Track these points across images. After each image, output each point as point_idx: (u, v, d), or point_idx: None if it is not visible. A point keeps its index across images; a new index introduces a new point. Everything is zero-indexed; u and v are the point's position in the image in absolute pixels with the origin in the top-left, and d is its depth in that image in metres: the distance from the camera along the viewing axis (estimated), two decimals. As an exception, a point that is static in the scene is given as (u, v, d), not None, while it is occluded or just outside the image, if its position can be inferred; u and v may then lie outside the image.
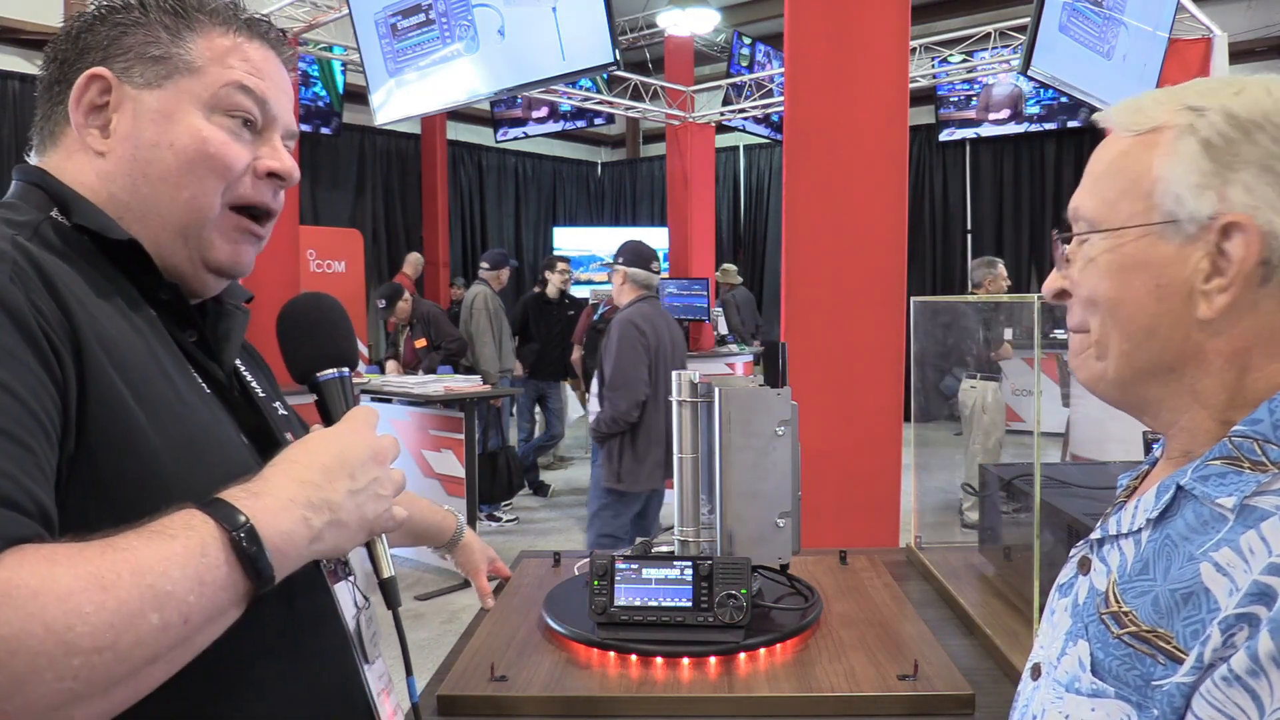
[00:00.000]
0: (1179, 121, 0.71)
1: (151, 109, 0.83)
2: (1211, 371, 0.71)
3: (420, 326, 6.87)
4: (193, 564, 0.64)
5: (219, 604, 0.66)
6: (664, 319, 4.04)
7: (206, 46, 0.86)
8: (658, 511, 4.14)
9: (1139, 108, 0.75)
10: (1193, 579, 0.65)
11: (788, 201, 3.08)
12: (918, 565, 1.92)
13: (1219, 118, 0.69)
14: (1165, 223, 0.70)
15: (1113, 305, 0.74)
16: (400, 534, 1.46)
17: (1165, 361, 0.72)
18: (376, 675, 0.94)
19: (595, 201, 13.93)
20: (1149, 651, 0.66)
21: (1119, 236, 0.73)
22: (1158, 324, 0.71)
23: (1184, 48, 5.80)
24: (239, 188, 0.87)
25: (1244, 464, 0.67)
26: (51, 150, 0.87)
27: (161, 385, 0.78)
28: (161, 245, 0.85)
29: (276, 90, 0.89)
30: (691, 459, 1.60)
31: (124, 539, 0.63)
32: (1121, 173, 0.74)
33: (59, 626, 0.57)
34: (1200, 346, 0.71)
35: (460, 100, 4.18)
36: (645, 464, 3.90)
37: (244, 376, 0.98)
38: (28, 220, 0.79)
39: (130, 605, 0.60)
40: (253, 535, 0.68)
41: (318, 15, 5.51)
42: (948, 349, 2.65)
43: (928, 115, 10.25)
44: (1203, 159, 0.69)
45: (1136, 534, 0.74)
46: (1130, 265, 0.72)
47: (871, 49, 2.99)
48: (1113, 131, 0.76)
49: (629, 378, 3.81)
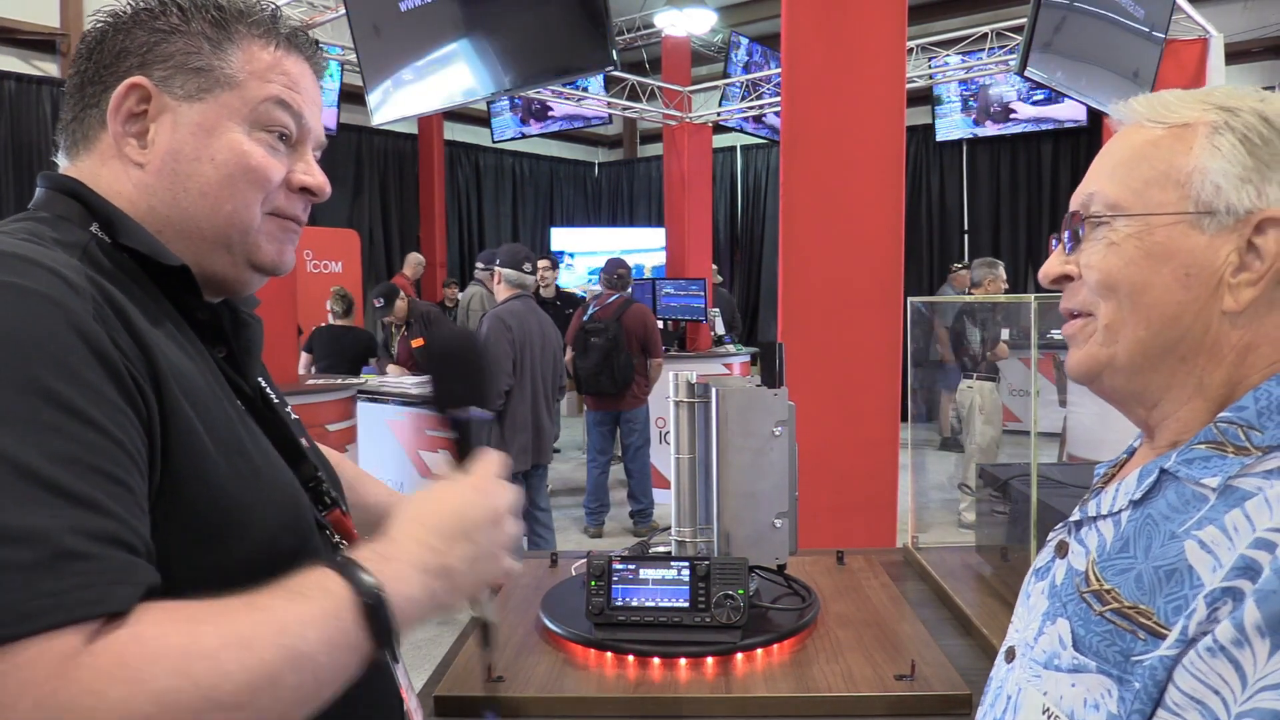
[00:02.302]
0: (1212, 119, 0.72)
1: (192, 122, 0.82)
2: (1223, 364, 0.72)
3: (418, 326, 6.87)
4: (328, 627, 0.67)
5: (346, 665, 0.69)
6: (535, 316, 4.48)
7: (246, 60, 0.85)
8: (541, 483, 4.69)
9: (1165, 104, 0.76)
10: (1176, 556, 0.65)
11: (784, 202, 3.08)
12: (915, 565, 1.92)
13: (1253, 118, 0.71)
14: (1201, 213, 0.71)
15: (1136, 290, 0.73)
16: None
17: (1180, 350, 0.73)
18: (400, 671, 0.95)
19: (592, 202, 13.93)
20: (1130, 628, 0.66)
21: (1147, 222, 0.73)
22: (1181, 312, 0.72)
23: (1180, 48, 5.81)
24: (275, 199, 0.87)
25: (1228, 448, 0.69)
26: (85, 155, 0.84)
27: (218, 411, 0.78)
28: (203, 257, 0.84)
29: (311, 103, 0.89)
30: (689, 459, 1.60)
31: (263, 598, 0.66)
32: (1150, 161, 0.74)
33: (205, 684, 0.59)
34: (1218, 338, 0.72)
35: (457, 100, 4.17)
36: (512, 448, 4.32)
37: (262, 386, 0.97)
38: (74, 241, 0.77)
39: (271, 666, 0.63)
40: (383, 602, 0.70)
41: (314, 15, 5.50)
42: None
43: (924, 115, 10.26)
44: (1244, 154, 0.71)
45: (1116, 515, 0.74)
46: (1159, 252, 0.72)
47: (868, 49, 2.99)
48: (1137, 123, 0.77)
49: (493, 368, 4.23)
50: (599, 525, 6.05)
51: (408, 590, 0.72)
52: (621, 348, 5.72)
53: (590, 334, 5.74)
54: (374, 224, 11.08)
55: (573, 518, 6.34)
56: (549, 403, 4.53)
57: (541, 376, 4.44)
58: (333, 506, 0.94)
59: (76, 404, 0.63)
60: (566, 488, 7.23)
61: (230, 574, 0.70)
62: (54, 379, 0.63)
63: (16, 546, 0.57)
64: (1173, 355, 0.73)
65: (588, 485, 6.08)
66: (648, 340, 5.87)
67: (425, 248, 10.59)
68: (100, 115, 0.82)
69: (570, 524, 6.20)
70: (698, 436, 1.59)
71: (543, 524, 4.66)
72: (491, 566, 0.82)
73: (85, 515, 0.60)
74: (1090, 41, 4.25)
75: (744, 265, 12.55)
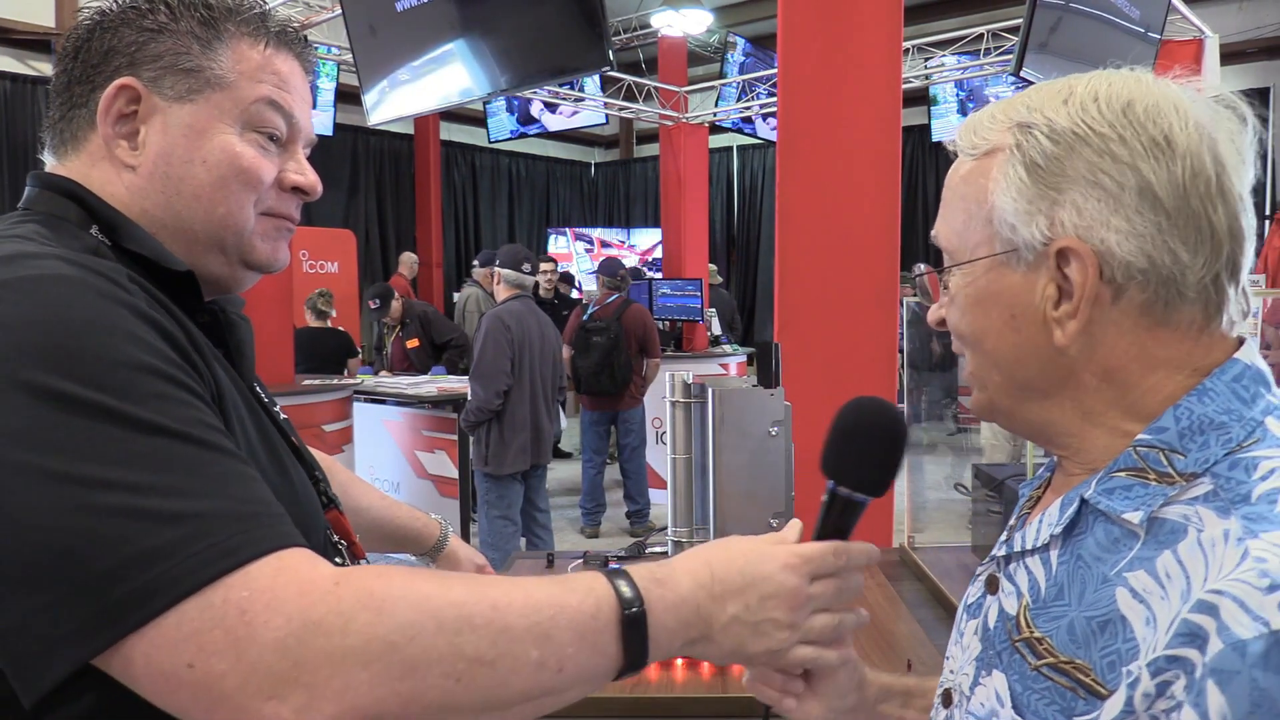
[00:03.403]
0: (1008, 142, 0.68)
1: (183, 123, 0.82)
2: (1090, 391, 0.68)
3: (413, 326, 6.86)
4: (582, 621, 0.67)
5: (591, 667, 0.68)
6: (534, 316, 4.46)
7: (236, 60, 0.84)
8: (540, 484, 4.65)
9: (976, 127, 0.71)
10: (1108, 605, 0.62)
11: (780, 202, 3.08)
12: (911, 565, 1.92)
13: (1042, 135, 0.66)
14: (1007, 252, 0.68)
15: (977, 338, 0.72)
16: (377, 538, 1.46)
17: (1040, 387, 0.70)
18: None
19: (589, 202, 13.93)
20: (1069, 685, 0.63)
21: (971, 270, 0.70)
22: (1021, 354, 0.69)
23: (1176, 49, 5.81)
24: (267, 200, 0.87)
25: (1149, 475, 0.64)
26: (73, 155, 0.83)
27: (249, 411, 0.80)
28: (197, 258, 0.84)
29: (301, 102, 0.89)
30: (685, 459, 1.60)
31: (524, 579, 0.69)
32: (965, 199, 0.71)
33: (449, 628, 0.62)
34: (1070, 370, 0.68)
35: (453, 101, 4.18)
36: (511, 448, 4.32)
37: (255, 386, 0.97)
38: (82, 246, 0.77)
39: (515, 632, 0.64)
40: (643, 618, 0.69)
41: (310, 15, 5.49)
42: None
43: (920, 116, 10.27)
44: (1027, 184, 0.66)
45: (1044, 551, 0.70)
46: (985, 297, 0.70)
47: (864, 50, 2.99)
48: (959, 154, 0.73)
49: (491, 368, 4.23)
50: (595, 525, 6.05)
51: (666, 621, 0.71)
52: (622, 347, 5.73)
53: (591, 333, 5.74)
54: (370, 224, 11.07)
55: (569, 518, 6.34)
56: (548, 403, 4.54)
57: (541, 377, 4.44)
58: (330, 506, 0.94)
59: (179, 377, 0.67)
60: (563, 488, 7.23)
61: None
62: (147, 355, 0.66)
63: (210, 499, 0.63)
64: (1035, 393, 0.70)
65: (584, 485, 6.08)
66: (646, 340, 5.88)
67: (421, 248, 10.58)
68: (89, 115, 0.82)
69: (566, 524, 6.20)
70: (694, 436, 1.59)
71: (541, 524, 4.66)
72: (759, 643, 0.74)
73: (241, 473, 0.66)
74: (1086, 42, 4.25)
75: (740, 266, 12.56)
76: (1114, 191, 0.64)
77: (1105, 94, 0.66)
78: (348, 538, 0.94)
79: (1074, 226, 0.64)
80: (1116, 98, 0.65)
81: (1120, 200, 0.63)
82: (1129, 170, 0.63)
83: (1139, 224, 0.63)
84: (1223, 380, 0.65)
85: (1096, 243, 0.64)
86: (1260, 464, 0.61)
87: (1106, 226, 0.64)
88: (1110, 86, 0.66)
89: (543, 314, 4.59)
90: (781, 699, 0.84)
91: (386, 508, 1.42)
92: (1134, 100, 0.65)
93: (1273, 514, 0.58)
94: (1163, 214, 0.63)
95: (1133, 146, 0.63)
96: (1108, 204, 0.64)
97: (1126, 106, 0.65)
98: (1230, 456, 0.62)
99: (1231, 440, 0.63)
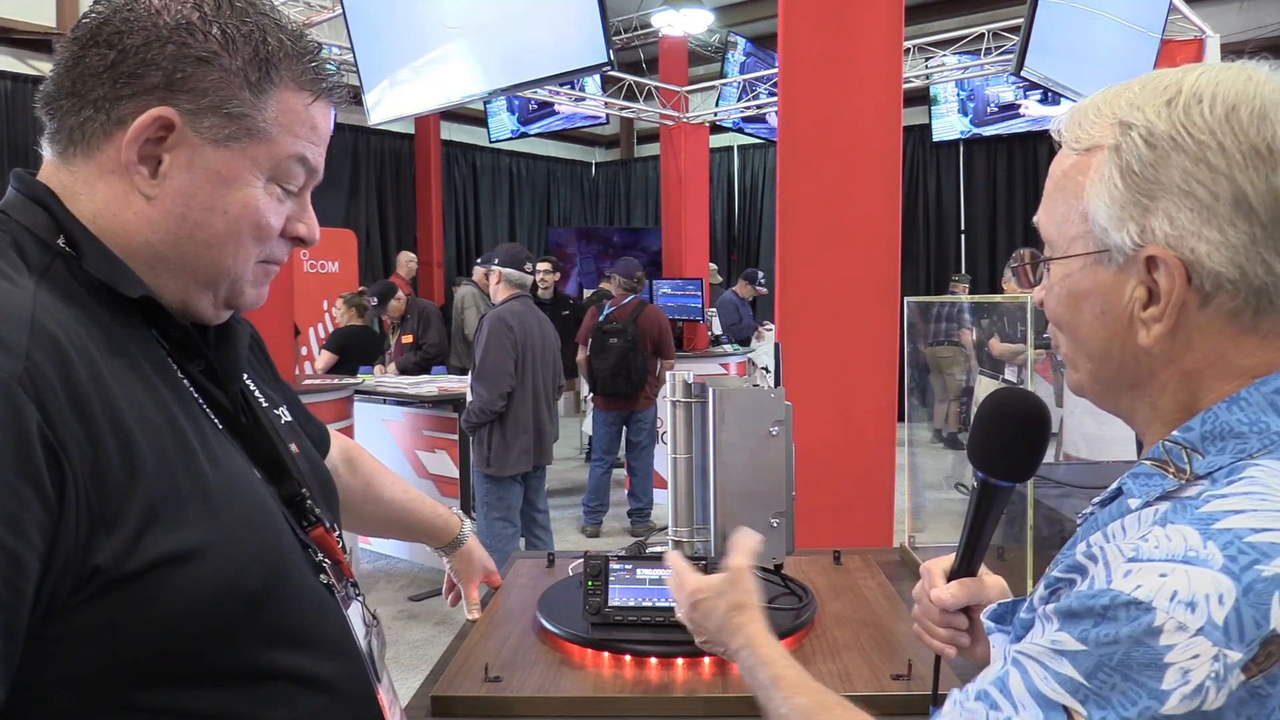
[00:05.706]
0: (1108, 141, 0.69)
1: (211, 168, 0.79)
2: (1166, 391, 0.70)
3: (412, 321, 6.87)
4: None
5: None
6: (535, 316, 4.42)
7: (280, 111, 0.81)
8: (540, 484, 4.62)
9: (1081, 119, 0.72)
10: (1069, 550, 0.70)
11: (781, 202, 3.08)
12: (911, 565, 1.92)
13: (1140, 138, 0.66)
14: (1099, 251, 0.69)
15: (1070, 328, 0.75)
16: (397, 529, 1.45)
17: (1125, 380, 0.73)
18: (385, 689, 0.94)
19: (589, 202, 13.92)
20: None
21: (1068, 264, 0.73)
22: (1109, 348, 0.72)
23: (1176, 49, 5.81)
24: (268, 249, 0.85)
25: (1169, 468, 0.67)
26: (81, 161, 0.79)
27: (193, 464, 0.75)
28: (188, 294, 0.82)
29: (325, 147, 0.87)
30: (685, 459, 1.60)
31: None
32: (1065, 193, 0.73)
33: None
34: (1151, 369, 0.70)
35: (454, 100, 4.18)
36: (513, 449, 4.28)
37: (249, 392, 0.94)
38: (37, 262, 0.74)
39: None
40: None
41: (311, 15, 5.49)
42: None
43: (921, 115, 10.26)
44: (1120, 189, 0.67)
45: (1087, 518, 0.77)
46: (1080, 292, 0.72)
47: (865, 49, 2.99)
48: (1063, 145, 0.74)
49: (494, 369, 4.18)
50: (597, 524, 6.05)
51: None
52: (639, 349, 5.73)
53: (608, 334, 5.74)
54: (370, 224, 11.07)
55: (569, 518, 6.34)
56: (549, 403, 4.54)
57: (542, 377, 4.44)
58: (317, 523, 0.90)
59: None
60: (563, 487, 7.23)
61: (195, 607, 0.71)
62: None
63: None
64: (1121, 384, 0.73)
65: (589, 484, 6.08)
66: (661, 341, 5.89)
67: (422, 248, 10.58)
68: (106, 124, 0.77)
69: (567, 524, 6.20)
70: (694, 436, 1.59)
71: (541, 525, 4.66)
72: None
73: None
74: (1087, 42, 4.25)
75: (740, 265, 12.54)
76: (1208, 202, 0.64)
77: (1210, 96, 0.65)
78: (333, 556, 0.90)
79: (1164, 236, 0.65)
80: (1222, 101, 0.65)
81: (1214, 211, 0.63)
82: (1225, 180, 0.63)
83: (1232, 235, 0.63)
84: (1261, 391, 0.66)
85: (1186, 253, 0.64)
86: (1246, 471, 0.62)
87: (1198, 237, 0.64)
88: (1219, 87, 0.65)
89: (542, 314, 4.58)
90: (944, 649, 0.99)
91: (409, 500, 1.42)
92: (1239, 104, 0.64)
93: (1196, 514, 0.60)
94: (1258, 225, 0.63)
95: (1231, 155, 0.63)
96: (1200, 214, 0.64)
97: (1230, 111, 0.64)
98: (1234, 464, 0.64)
99: (1245, 451, 0.64)
